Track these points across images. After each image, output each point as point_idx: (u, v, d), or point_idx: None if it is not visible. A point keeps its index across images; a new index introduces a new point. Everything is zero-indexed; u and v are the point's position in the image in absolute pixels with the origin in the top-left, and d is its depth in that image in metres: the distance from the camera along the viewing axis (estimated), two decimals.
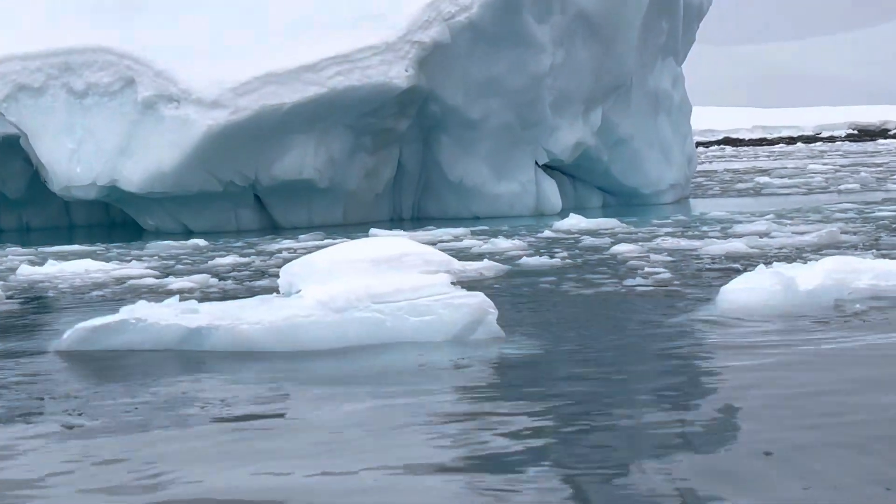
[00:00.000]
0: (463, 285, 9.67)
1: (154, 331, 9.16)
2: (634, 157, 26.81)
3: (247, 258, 17.14)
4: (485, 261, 14.60)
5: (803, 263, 11.12)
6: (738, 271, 12.46)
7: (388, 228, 21.45)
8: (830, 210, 22.18)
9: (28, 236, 24.98)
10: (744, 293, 10.13)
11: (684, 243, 16.37)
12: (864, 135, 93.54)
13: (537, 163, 25.24)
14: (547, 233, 19.42)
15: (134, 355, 9.00)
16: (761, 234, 17.40)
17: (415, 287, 9.19)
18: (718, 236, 17.49)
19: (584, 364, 8.15)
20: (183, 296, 11.08)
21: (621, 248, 15.80)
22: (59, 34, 24.26)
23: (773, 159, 60.10)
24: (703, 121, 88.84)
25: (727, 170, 47.73)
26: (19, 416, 7.03)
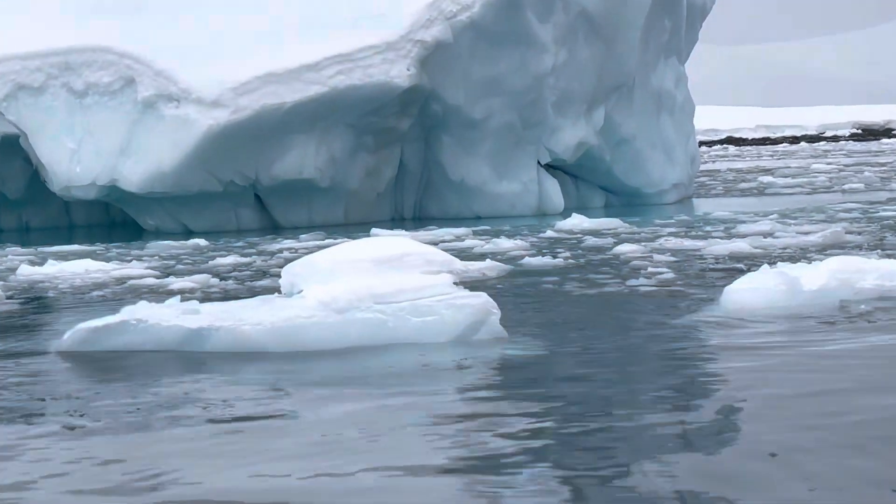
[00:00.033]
0: (465, 285, 9.62)
1: (155, 332, 9.11)
2: (637, 157, 26.76)
3: (248, 258, 17.09)
4: (487, 261, 14.55)
5: (808, 263, 11.06)
6: (741, 271, 12.41)
7: (389, 228, 21.40)
8: (834, 210, 22.13)
9: (28, 236, 24.96)
10: (748, 293, 10.09)
11: (688, 243, 16.32)
12: (868, 134, 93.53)
13: (539, 162, 25.20)
14: (549, 233, 19.38)
15: (135, 356, 8.96)
16: (765, 234, 17.35)
17: (417, 287, 9.14)
18: (722, 236, 17.43)
19: (587, 365, 8.10)
20: (184, 296, 11.03)
21: (624, 249, 15.74)
22: (59, 33, 24.23)
23: (776, 159, 60.07)
24: (706, 120, 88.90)
25: (730, 169, 47.69)
26: (20, 417, 7.00)
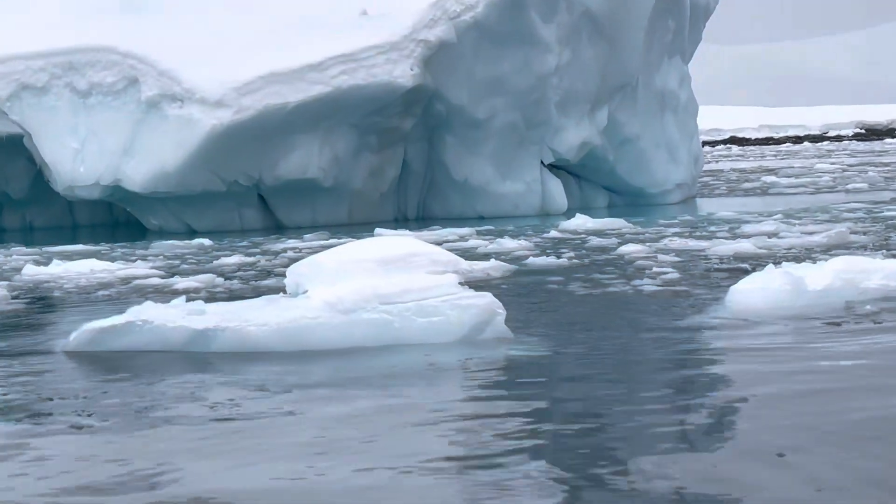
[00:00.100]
0: (470, 286, 9.61)
1: (161, 332, 9.11)
2: (640, 157, 26.74)
3: (252, 258, 17.09)
4: (492, 261, 14.54)
5: (812, 264, 11.04)
6: (746, 272, 12.38)
7: (392, 228, 21.38)
8: (839, 210, 22.11)
9: (31, 236, 24.96)
10: (753, 294, 10.07)
11: (692, 243, 16.30)
12: (872, 134, 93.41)
13: (543, 162, 25.18)
14: (553, 233, 19.36)
15: (141, 356, 8.96)
16: (770, 234, 17.32)
17: (422, 288, 9.13)
18: (726, 236, 17.41)
19: (591, 365, 8.09)
20: (189, 296, 11.02)
21: (628, 249, 15.72)
22: (62, 34, 24.22)
23: (779, 158, 60.02)
24: (709, 120, 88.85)
25: (733, 169, 47.66)
26: (28, 416, 7.02)
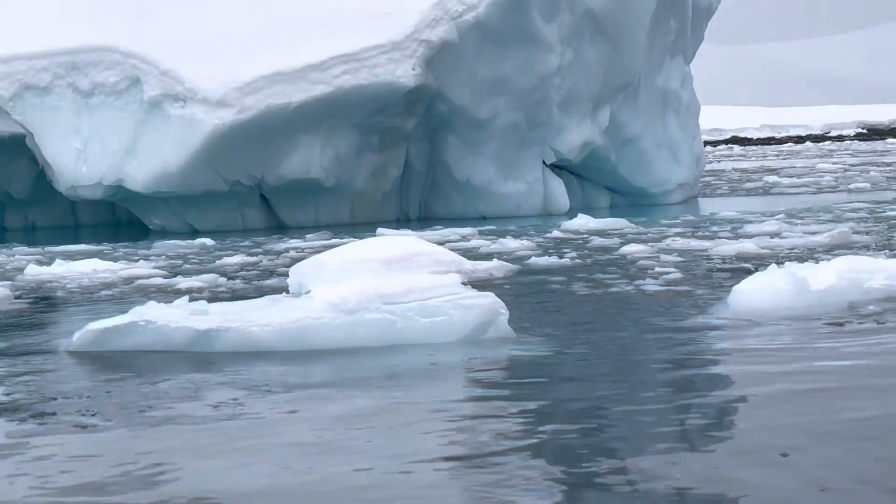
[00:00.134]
0: (473, 285, 9.61)
1: (164, 332, 9.11)
2: (642, 157, 26.74)
3: (254, 258, 17.09)
4: (494, 261, 14.53)
5: (815, 264, 11.03)
6: (749, 272, 12.38)
7: (394, 228, 21.38)
8: (841, 209, 22.10)
9: (34, 235, 24.98)
10: (755, 294, 10.05)
11: (694, 243, 16.30)
12: (874, 134, 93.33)
13: (545, 162, 25.18)
14: (555, 233, 19.36)
15: (144, 356, 8.96)
16: (772, 234, 17.32)
17: (425, 288, 9.13)
18: (729, 236, 17.41)
19: (594, 365, 8.10)
20: (192, 296, 11.03)
21: (631, 249, 15.72)
22: (65, 33, 24.23)
23: (781, 158, 59.99)
24: (711, 120, 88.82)
25: (735, 169, 47.64)
26: (31, 416, 7.02)
